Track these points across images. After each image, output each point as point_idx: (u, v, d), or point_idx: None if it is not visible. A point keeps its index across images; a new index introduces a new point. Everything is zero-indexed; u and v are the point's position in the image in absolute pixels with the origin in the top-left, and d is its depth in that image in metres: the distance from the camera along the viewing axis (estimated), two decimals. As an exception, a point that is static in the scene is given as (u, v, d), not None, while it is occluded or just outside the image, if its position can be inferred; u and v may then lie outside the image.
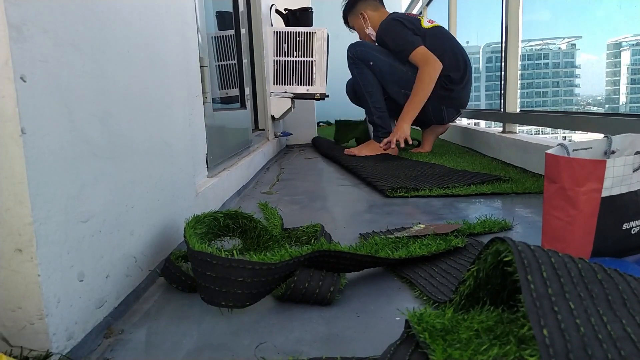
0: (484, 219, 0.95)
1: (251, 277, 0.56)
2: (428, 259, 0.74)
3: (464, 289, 0.49)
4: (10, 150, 0.42)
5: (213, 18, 1.66)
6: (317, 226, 0.87)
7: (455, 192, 1.28)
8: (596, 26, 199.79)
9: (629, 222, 0.66)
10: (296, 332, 0.55)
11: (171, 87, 0.83)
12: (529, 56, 79.36)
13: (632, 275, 0.42)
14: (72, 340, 0.49)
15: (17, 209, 0.43)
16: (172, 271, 0.68)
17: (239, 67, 1.82)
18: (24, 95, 0.42)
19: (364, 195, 1.34)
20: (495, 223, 0.93)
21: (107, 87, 0.58)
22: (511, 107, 1.89)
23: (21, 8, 0.43)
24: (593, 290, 0.39)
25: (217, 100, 1.56)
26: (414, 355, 0.42)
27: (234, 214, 0.77)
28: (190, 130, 0.94)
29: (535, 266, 0.39)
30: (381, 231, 0.92)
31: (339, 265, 0.66)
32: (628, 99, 78.28)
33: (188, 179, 0.90)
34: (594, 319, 0.36)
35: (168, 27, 0.83)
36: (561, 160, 0.64)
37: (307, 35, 2.38)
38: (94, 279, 0.53)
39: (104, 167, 0.56)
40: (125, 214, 0.62)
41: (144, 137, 0.69)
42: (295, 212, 1.16)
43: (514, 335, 0.41)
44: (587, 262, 0.42)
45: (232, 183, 1.31)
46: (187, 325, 0.58)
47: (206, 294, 0.58)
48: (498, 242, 0.45)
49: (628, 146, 0.71)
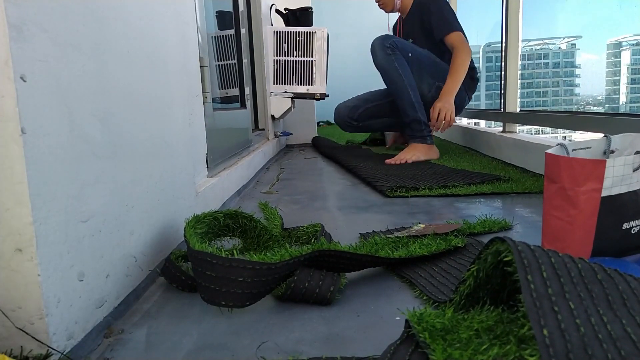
0: (484, 218, 0.95)
1: (251, 276, 0.57)
2: (428, 259, 0.74)
3: (464, 288, 0.49)
4: (10, 150, 0.42)
5: (213, 18, 1.66)
6: (317, 226, 0.87)
7: (455, 191, 1.28)
8: (596, 26, 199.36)
9: (628, 222, 0.66)
10: (296, 332, 0.55)
11: (171, 87, 0.83)
12: (529, 56, 79.29)
13: (632, 275, 0.42)
14: (72, 340, 0.49)
15: (17, 209, 0.43)
16: (172, 271, 0.68)
17: (239, 67, 1.82)
18: (24, 95, 0.42)
19: (364, 195, 1.34)
20: (495, 223, 0.93)
21: (107, 87, 0.58)
22: (511, 106, 1.89)
23: (21, 8, 0.43)
24: (593, 290, 0.39)
25: (217, 100, 1.56)
26: (414, 355, 0.42)
27: (234, 214, 0.77)
28: (190, 130, 0.94)
29: (535, 266, 0.39)
30: (381, 231, 0.92)
31: (339, 265, 0.66)
32: (628, 98, 78.22)
33: (188, 178, 0.90)
34: (594, 319, 0.36)
35: (168, 27, 0.83)
36: (561, 160, 0.64)
37: (307, 35, 2.38)
38: (94, 279, 0.53)
39: (104, 167, 0.56)
40: (125, 213, 0.62)
41: (144, 137, 0.69)
42: (295, 211, 1.16)
43: (514, 335, 0.41)
44: (587, 262, 0.42)
45: (232, 183, 1.31)
46: (187, 325, 0.58)
47: (206, 293, 0.58)
48: (498, 242, 0.45)
49: (628, 146, 0.71)
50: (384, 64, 1.94)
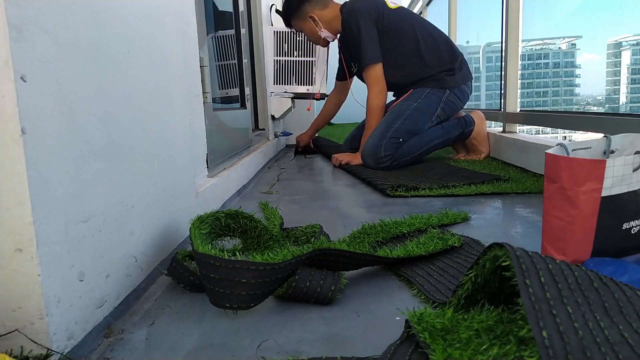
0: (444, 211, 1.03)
1: (255, 278, 0.56)
2: (425, 258, 0.74)
3: (462, 292, 0.50)
4: (10, 150, 0.42)
5: (213, 18, 1.66)
6: (315, 227, 0.87)
7: (455, 191, 1.28)
8: (596, 26, 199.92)
9: (628, 222, 0.66)
10: (296, 332, 0.55)
11: (171, 87, 0.83)
12: (529, 56, 79.32)
13: (627, 285, 0.42)
14: (72, 340, 0.49)
15: (17, 209, 0.43)
16: (179, 271, 0.67)
17: (239, 67, 1.82)
18: (24, 95, 0.42)
19: (364, 195, 1.34)
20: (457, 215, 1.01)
21: (107, 87, 0.58)
22: (511, 107, 1.89)
23: (21, 8, 0.43)
24: (590, 297, 0.39)
25: (217, 100, 1.56)
26: (414, 355, 0.42)
27: (234, 214, 0.77)
28: (190, 130, 0.94)
29: (533, 271, 0.40)
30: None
31: (338, 264, 0.66)
32: (628, 98, 78.31)
33: (188, 178, 0.90)
34: (592, 324, 0.36)
35: (168, 27, 0.83)
36: (561, 160, 0.64)
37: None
38: (94, 279, 0.53)
39: (104, 167, 0.56)
40: (125, 213, 0.62)
41: (144, 136, 0.69)
42: (295, 211, 1.16)
43: (514, 335, 0.41)
44: (584, 269, 0.42)
45: (232, 183, 1.31)
46: (187, 325, 0.58)
47: (212, 296, 0.58)
48: (496, 247, 0.45)
49: (628, 146, 0.71)
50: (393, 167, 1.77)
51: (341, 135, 3.26)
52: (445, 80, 1.88)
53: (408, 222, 0.92)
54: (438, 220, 0.97)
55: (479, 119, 1.95)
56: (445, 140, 1.89)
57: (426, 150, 1.83)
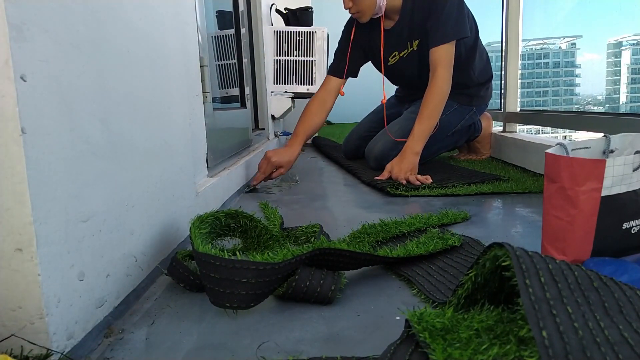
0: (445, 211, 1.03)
1: (255, 277, 0.56)
2: (425, 258, 0.74)
3: (462, 292, 0.50)
4: (10, 150, 0.42)
5: (213, 18, 1.66)
6: (315, 226, 0.87)
7: (455, 191, 1.28)
8: (596, 25, 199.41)
9: (628, 222, 0.66)
10: (296, 331, 0.55)
11: (171, 87, 0.83)
12: (529, 56, 79.22)
13: (627, 285, 0.42)
14: (72, 340, 0.49)
15: (18, 209, 0.43)
16: (180, 270, 0.67)
17: (239, 67, 1.82)
18: (24, 95, 0.42)
19: (364, 195, 1.34)
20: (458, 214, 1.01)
21: (107, 87, 0.58)
22: (511, 106, 1.89)
23: (21, 8, 0.43)
24: (590, 297, 0.39)
25: (217, 100, 1.56)
26: (414, 354, 0.42)
27: (235, 214, 0.77)
28: (190, 130, 0.94)
29: (533, 271, 0.40)
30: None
31: (338, 264, 0.66)
32: (628, 98, 78.17)
33: (188, 178, 0.90)
34: (592, 324, 0.36)
35: (168, 27, 0.83)
36: (561, 160, 0.64)
37: (307, 35, 2.38)
38: (94, 279, 0.53)
39: (104, 166, 0.56)
40: (125, 213, 0.62)
41: (144, 136, 0.69)
42: (295, 211, 1.16)
43: (514, 334, 0.41)
44: (584, 269, 0.42)
45: (232, 182, 1.31)
46: (187, 325, 0.58)
47: (212, 295, 0.58)
48: (496, 247, 0.45)
49: (627, 145, 0.71)
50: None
51: (341, 135, 3.25)
52: (477, 98, 1.78)
53: (408, 222, 0.92)
54: (438, 220, 0.97)
55: (487, 124, 1.94)
56: (451, 149, 1.90)
57: (430, 159, 1.80)
